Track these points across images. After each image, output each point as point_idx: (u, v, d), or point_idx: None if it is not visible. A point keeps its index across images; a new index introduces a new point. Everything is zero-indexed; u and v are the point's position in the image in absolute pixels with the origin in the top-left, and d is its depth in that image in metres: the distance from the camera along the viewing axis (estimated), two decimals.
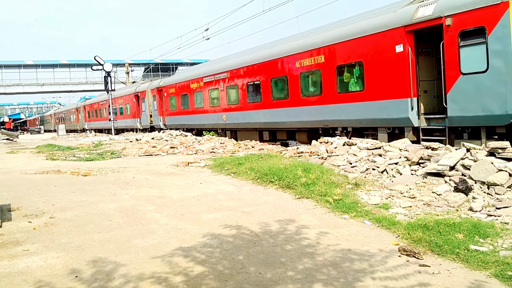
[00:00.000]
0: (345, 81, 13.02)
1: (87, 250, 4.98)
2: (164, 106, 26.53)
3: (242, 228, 5.65)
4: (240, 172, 9.72)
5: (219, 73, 19.85)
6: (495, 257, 4.22)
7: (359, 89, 12.51)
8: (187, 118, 23.57)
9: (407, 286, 3.79)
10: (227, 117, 19.40)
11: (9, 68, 64.55)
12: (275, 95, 16.21)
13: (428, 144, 8.47)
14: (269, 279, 4.02)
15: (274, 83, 16.25)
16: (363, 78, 12.27)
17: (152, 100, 28.45)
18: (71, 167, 12.47)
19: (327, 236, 5.20)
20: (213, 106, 20.67)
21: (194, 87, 22.39)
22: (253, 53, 18.32)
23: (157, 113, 27.73)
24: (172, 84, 25.52)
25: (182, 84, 23.94)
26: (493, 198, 6.11)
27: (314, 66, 14.03)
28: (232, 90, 19.05)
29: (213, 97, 20.68)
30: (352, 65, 12.68)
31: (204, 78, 21.21)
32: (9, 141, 33.05)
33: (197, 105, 22.34)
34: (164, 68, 65.59)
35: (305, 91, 14.68)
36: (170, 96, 25.45)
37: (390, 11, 11.87)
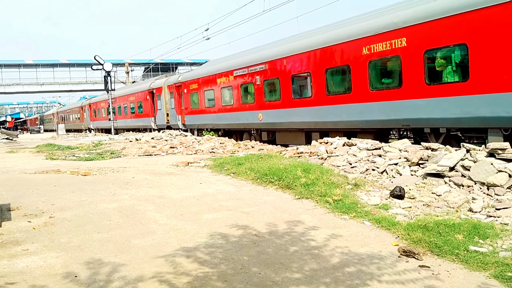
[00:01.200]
0: (438, 70, 10.60)
1: (86, 250, 4.98)
2: (184, 103, 23.82)
3: (241, 228, 5.65)
4: (240, 172, 9.72)
5: (255, 65, 17.19)
6: (495, 258, 4.22)
7: (460, 79, 10.03)
8: (212, 117, 20.96)
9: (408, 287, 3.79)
10: (264, 116, 16.87)
11: (9, 67, 64.56)
12: (332, 88, 13.65)
13: (428, 145, 8.47)
14: (269, 279, 4.02)
15: (330, 75, 13.69)
16: (467, 64, 9.75)
17: (169, 97, 25.95)
18: (71, 166, 12.47)
19: (327, 237, 5.19)
20: (245, 103, 18.10)
21: (221, 82, 19.73)
22: (299, 40, 15.47)
23: (175, 111, 25.15)
24: (193, 79, 22.65)
25: (207, 79, 21.22)
26: (492, 199, 6.11)
27: (391, 52, 11.41)
28: (272, 84, 16.57)
29: (246, 93, 18.17)
30: (450, 49, 10.16)
31: (234, 72, 18.54)
32: (9, 141, 33.04)
33: (224, 102, 19.70)
34: (164, 68, 65.57)
35: (375, 84, 12.16)
36: (191, 92, 22.73)
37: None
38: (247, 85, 17.94)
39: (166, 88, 26.39)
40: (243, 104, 18.30)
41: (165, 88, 26.46)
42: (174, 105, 25.16)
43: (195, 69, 24.66)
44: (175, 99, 25.01)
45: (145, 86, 30.12)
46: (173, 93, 25.20)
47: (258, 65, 17.02)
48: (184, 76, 24.39)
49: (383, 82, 12.15)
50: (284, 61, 15.56)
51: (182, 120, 24.39)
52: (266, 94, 16.75)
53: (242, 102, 18.33)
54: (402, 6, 11.86)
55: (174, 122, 25.62)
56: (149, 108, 29.40)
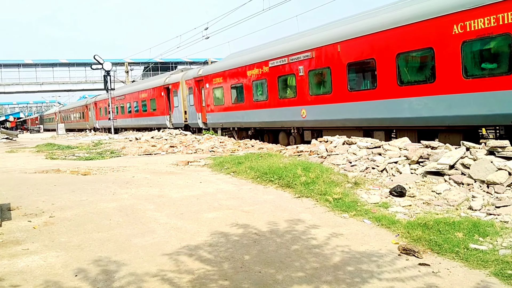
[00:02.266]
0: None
1: (86, 249, 4.98)
2: (205, 100, 21.43)
3: (242, 227, 5.65)
4: (239, 171, 9.72)
5: (298, 53, 14.71)
6: (495, 255, 4.22)
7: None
8: (240, 114, 18.57)
9: (407, 286, 3.79)
10: (308, 112, 14.56)
11: (8, 67, 64.53)
12: (406, 77, 11.42)
13: (428, 143, 8.47)
14: (270, 278, 4.02)
15: (404, 61, 11.41)
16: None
17: (187, 93, 23.59)
18: (71, 166, 12.47)
19: (327, 235, 5.20)
20: (284, 98, 15.76)
21: (253, 74, 17.32)
22: (357, 21, 13.02)
23: (194, 109, 22.76)
24: (217, 72, 20.21)
25: (234, 72, 18.75)
26: (492, 197, 6.11)
27: (495, 29, 9.19)
28: (320, 75, 14.23)
29: (285, 86, 15.84)
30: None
31: (270, 62, 16.18)
32: (9, 140, 33.05)
33: (256, 97, 17.35)
34: (164, 67, 65.55)
35: (473, 70, 9.84)
36: (215, 87, 20.33)
37: None
38: (286, 77, 15.60)
39: (184, 83, 24.09)
40: (280, 99, 15.91)
41: (183, 83, 24.18)
42: (194, 101, 22.84)
43: (219, 62, 21.98)
44: (194, 95, 22.65)
45: (159, 82, 28.01)
46: (192, 89, 22.90)
47: (302, 53, 14.53)
48: (206, 69, 21.94)
49: (484, 68, 9.78)
50: (337, 46, 13.11)
51: (203, 118, 22.09)
52: (311, 86, 14.40)
53: (280, 97, 15.94)
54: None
55: (193, 121, 23.35)
56: (163, 106, 27.15)
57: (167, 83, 26.22)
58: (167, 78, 26.69)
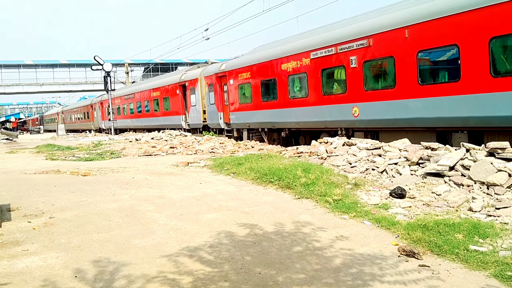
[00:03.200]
0: None
1: (86, 250, 4.98)
2: (229, 98, 19.29)
3: (241, 228, 5.65)
4: (239, 172, 9.72)
5: (349, 42, 12.67)
6: (495, 257, 4.22)
7: None
8: (273, 114, 16.48)
9: (408, 287, 3.79)
10: (362, 110, 12.47)
11: (8, 68, 64.58)
12: (501, 67, 9.20)
13: (428, 144, 8.47)
14: (270, 279, 4.02)
15: (500, 47, 9.20)
16: None
17: (207, 91, 21.45)
18: (71, 167, 12.47)
19: (327, 236, 5.19)
20: (330, 93, 13.66)
21: (289, 67, 15.23)
22: (429, 1, 10.84)
23: (215, 108, 20.75)
24: (244, 66, 18.12)
25: (265, 65, 16.68)
26: (492, 198, 6.11)
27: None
28: (378, 66, 12.27)
29: (331, 80, 13.75)
30: None
31: (312, 53, 14.05)
32: (9, 141, 33.06)
33: (294, 94, 15.27)
34: (164, 68, 65.60)
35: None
36: (241, 83, 18.31)
37: None
38: (333, 70, 13.54)
39: (202, 79, 21.91)
40: (325, 95, 13.78)
41: (202, 79, 22.00)
42: (215, 100, 20.67)
43: (245, 55, 19.60)
44: (216, 92, 20.49)
45: (174, 79, 25.80)
46: (213, 86, 20.76)
47: (355, 41, 12.47)
48: (230, 63, 19.60)
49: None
50: (405, 32, 11.12)
51: (225, 118, 19.94)
52: (367, 80, 12.35)
53: (324, 93, 13.83)
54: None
55: (213, 121, 21.19)
56: (178, 105, 24.87)
57: (183, 80, 24.06)
58: (183, 74, 24.64)
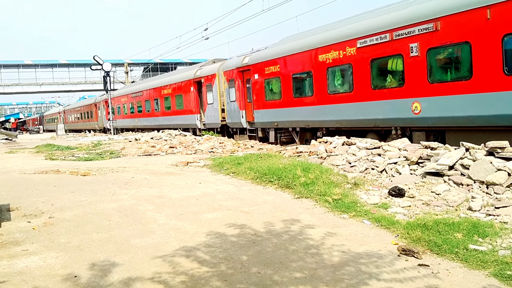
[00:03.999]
0: None
1: (86, 250, 4.98)
2: (253, 94, 17.57)
3: (241, 227, 5.65)
4: (239, 172, 9.73)
5: (408, 26, 10.85)
6: (494, 256, 4.22)
7: None
8: (307, 111, 14.62)
9: (407, 287, 3.79)
10: (425, 106, 10.68)
11: (8, 67, 64.54)
12: None
13: (427, 144, 8.48)
14: (269, 279, 4.02)
15: None
16: None
17: (226, 87, 19.70)
18: (70, 167, 12.47)
19: (326, 236, 5.19)
20: (382, 87, 11.94)
21: (329, 58, 13.43)
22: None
23: (237, 105, 19.01)
24: (271, 59, 16.38)
25: (298, 57, 14.89)
26: (492, 197, 6.11)
27: None
28: (448, 54, 10.52)
29: (383, 72, 12.04)
30: None
31: (359, 41, 12.33)
32: (8, 141, 33.05)
33: (334, 88, 13.51)
34: (163, 68, 65.57)
35: None
36: (268, 78, 16.61)
37: None
38: (386, 60, 11.80)
39: (221, 75, 20.17)
40: (375, 89, 12.07)
41: (220, 75, 20.26)
42: (236, 96, 18.99)
43: (271, 46, 17.87)
44: (237, 88, 18.78)
45: (187, 75, 24.03)
46: (233, 81, 19.10)
47: (417, 26, 10.70)
48: (255, 56, 17.79)
49: None
50: (486, 12, 9.34)
51: (248, 116, 18.32)
52: (432, 70, 10.65)
53: (374, 87, 12.09)
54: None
55: (234, 120, 19.46)
56: (193, 103, 23.13)
57: (198, 76, 22.35)
58: (198, 70, 22.82)
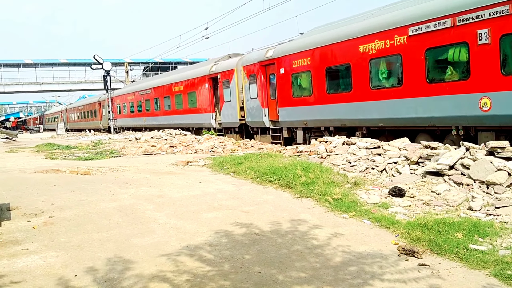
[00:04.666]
0: None
1: (86, 249, 4.98)
2: (278, 90, 15.95)
3: (241, 227, 5.65)
4: (239, 171, 9.72)
5: (476, 10, 9.35)
6: (494, 256, 4.22)
7: None
8: (345, 108, 12.95)
9: (408, 286, 3.79)
10: (496, 102, 9.22)
11: (8, 67, 64.46)
12: None
13: (427, 143, 8.47)
14: (269, 278, 4.02)
15: None
16: None
17: (246, 83, 18.08)
18: (70, 166, 12.47)
19: (327, 235, 5.20)
20: (440, 81, 10.24)
21: (372, 49, 11.78)
22: None
23: (258, 102, 17.38)
24: (300, 51, 14.65)
25: (333, 48, 13.19)
26: (492, 197, 6.11)
27: None
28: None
29: (443, 63, 10.33)
30: None
31: (411, 28, 10.63)
32: (8, 140, 33.04)
33: (378, 82, 11.89)
34: (164, 67, 65.50)
35: None
36: (296, 72, 14.97)
37: None
38: (446, 49, 10.10)
39: (240, 70, 18.59)
40: (431, 82, 10.44)
41: (239, 70, 18.66)
42: (257, 93, 17.37)
43: (298, 38, 16.39)
44: (260, 84, 17.17)
45: (202, 71, 22.22)
46: (255, 77, 17.53)
47: (487, 9, 9.15)
48: (281, 49, 16.12)
49: None
50: None
51: (272, 115, 16.86)
52: (508, 60, 9.07)
53: (430, 80, 10.48)
54: None
55: (254, 119, 17.83)
56: (207, 100, 21.48)
57: (214, 72, 20.60)
58: (214, 65, 21.01)
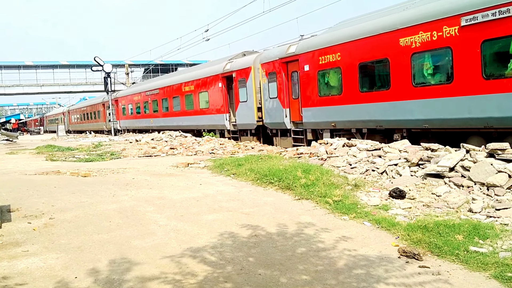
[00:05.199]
0: None
1: (86, 251, 4.98)
2: (301, 89, 14.78)
3: (242, 229, 5.65)
4: (239, 173, 9.72)
5: None
6: (495, 258, 4.22)
7: None
8: (382, 108, 11.57)
9: None
10: None
11: (9, 68, 64.60)
12: None
13: (428, 145, 8.47)
14: (270, 280, 4.02)
15: None
16: None
17: (265, 82, 16.90)
18: (71, 168, 12.47)
19: (327, 237, 5.19)
20: (499, 77, 8.91)
21: (414, 42, 10.45)
22: None
23: (278, 103, 16.22)
24: (329, 46, 13.35)
25: (366, 42, 11.91)
26: (492, 199, 6.11)
27: None
28: None
29: (504, 57, 8.87)
30: None
31: (463, 18, 9.31)
32: (9, 142, 33.06)
33: (423, 79, 10.49)
34: (164, 69, 65.60)
35: None
36: (323, 69, 13.65)
37: None
38: (508, 41, 8.66)
39: (258, 68, 17.49)
40: (488, 78, 9.02)
41: (257, 68, 17.53)
42: (278, 92, 16.17)
43: (323, 33, 14.96)
44: (280, 83, 16.00)
45: (214, 69, 21.02)
46: (275, 75, 16.31)
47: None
48: (305, 44, 14.73)
49: None
50: None
51: (294, 116, 15.55)
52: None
53: (487, 75, 9.06)
54: None
55: (274, 120, 16.63)
56: (220, 101, 20.35)
57: (229, 71, 19.38)
58: (228, 63, 19.75)
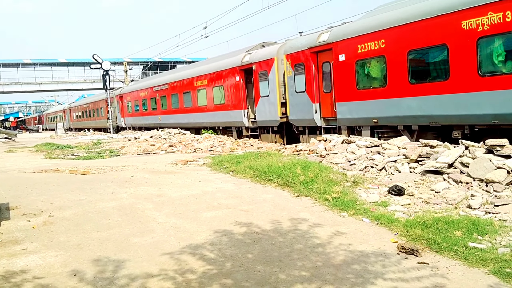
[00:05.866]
0: None
1: (86, 248, 4.98)
2: (335, 82, 13.15)
3: (241, 226, 5.66)
4: (239, 170, 9.72)
5: None
6: (494, 254, 4.23)
7: None
8: (437, 102, 9.99)
9: (408, 285, 3.80)
10: None
11: (7, 66, 64.43)
12: None
13: (427, 142, 8.48)
14: (269, 277, 4.02)
15: None
16: None
17: (290, 75, 15.15)
18: (70, 165, 12.46)
19: (326, 234, 5.20)
20: None
21: (481, 24, 8.83)
22: None
23: (306, 97, 14.42)
24: (369, 33, 11.74)
25: (418, 26, 10.29)
26: (491, 195, 6.12)
27: None
28: None
29: None
30: None
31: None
32: (8, 140, 33.01)
33: (493, 68, 8.96)
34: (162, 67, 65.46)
35: None
36: (362, 59, 12.02)
37: None
38: None
39: (282, 59, 15.82)
40: None
41: (281, 59, 15.89)
42: (306, 86, 14.43)
43: (361, 18, 13.16)
44: (309, 75, 14.27)
45: (231, 62, 19.24)
46: (302, 66, 14.57)
47: None
48: (340, 31, 13.06)
49: None
50: None
51: (325, 111, 13.99)
52: None
53: None
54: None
55: (301, 116, 14.88)
56: (238, 95, 18.68)
57: (247, 63, 17.66)
58: (246, 55, 18.05)
